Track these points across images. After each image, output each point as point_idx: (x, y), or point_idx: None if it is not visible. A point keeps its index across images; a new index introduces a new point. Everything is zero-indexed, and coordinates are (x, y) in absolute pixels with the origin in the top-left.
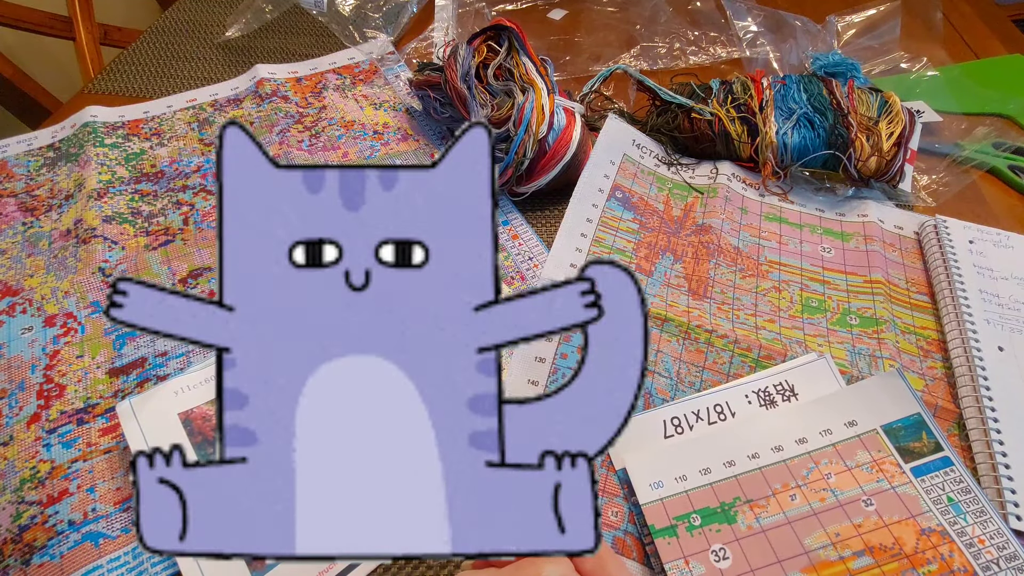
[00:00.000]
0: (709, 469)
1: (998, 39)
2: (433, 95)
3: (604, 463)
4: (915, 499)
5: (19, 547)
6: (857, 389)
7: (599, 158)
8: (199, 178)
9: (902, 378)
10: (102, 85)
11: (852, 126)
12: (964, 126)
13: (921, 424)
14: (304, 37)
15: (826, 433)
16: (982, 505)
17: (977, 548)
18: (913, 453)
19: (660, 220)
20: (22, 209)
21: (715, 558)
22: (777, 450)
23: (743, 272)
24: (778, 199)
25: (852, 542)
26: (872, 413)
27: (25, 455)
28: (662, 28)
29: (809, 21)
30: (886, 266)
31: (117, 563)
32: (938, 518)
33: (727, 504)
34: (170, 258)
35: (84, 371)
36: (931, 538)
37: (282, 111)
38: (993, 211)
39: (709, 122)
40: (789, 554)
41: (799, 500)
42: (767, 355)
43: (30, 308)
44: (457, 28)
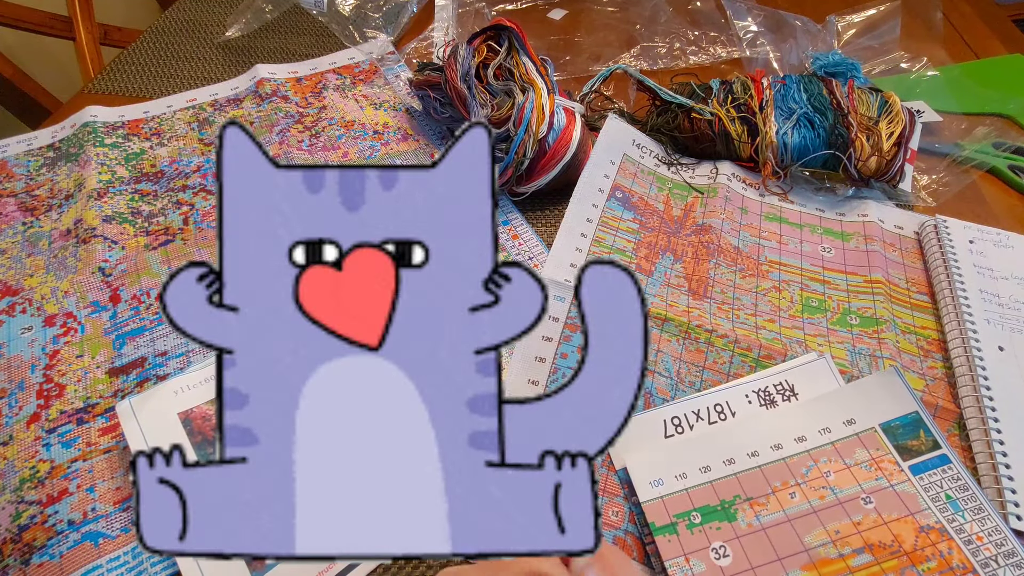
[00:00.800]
0: (709, 467)
1: (998, 39)
2: (433, 95)
3: (604, 463)
4: (913, 497)
5: (19, 547)
6: (855, 388)
7: (599, 158)
8: (199, 178)
9: (900, 377)
10: (102, 85)
11: (852, 126)
12: (964, 126)
13: (919, 422)
14: (304, 37)
15: (825, 431)
16: (980, 503)
17: (976, 545)
18: (911, 451)
19: (660, 220)
20: (22, 209)
21: (715, 556)
22: (777, 448)
23: (743, 272)
24: (778, 199)
25: (852, 540)
26: (870, 411)
27: (25, 455)
28: (662, 28)
29: (809, 21)
30: (886, 266)
31: (117, 563)
32: (936, 516)
33: (727, 502)
34: (170, 258)
35: (84, 371)
36: (930, 535)
37: (282, 111)
38: (993, 211)
39: (709, 122)
40: (789, 552)
41: (799, 498)
42: (767, 355)
43: (30, 308)
44: (457, 28)
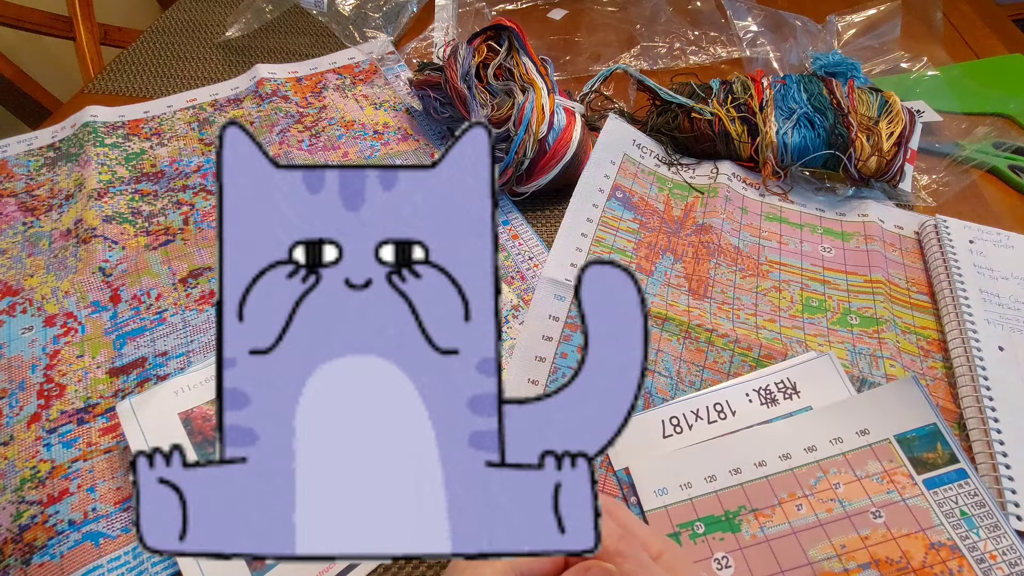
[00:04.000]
0: (715, 476)
1: (998, 39)
2: (433, 95)
3: (604, 463)
4: (926, 512)
5: (19, 547)
6: (871, 396)
7: (599, 158)
8: (199, 178)
9: (918, 386)
10: (102, 85)
11: (852, 126)
12: (964, 126)
13: (936, 434)
14: (304, 37)
15: (836, 441)
16: (997, 520)
17: (988, 564)
18: (927, 464)
19: (660, 220)
20: (22, 209)
21: (717, 566)
22: (785, 458)
23: (743, 272)
24: (778, 199)
25: (858, 554)
26: (885, 422)
27: (25, 455)
28: (662, 28)
29: (809, 21)
30: (886, 266)
31: (117, 563)
32: (949, 532)
33: (732, 512)
34: (170, 258)
35: (84, 371)
36: (940, 552)
37: (282, 111)
38: (993, 211)
39: (709, 122)
40: (792, 565)
41: (805, 510)
42: (767, 354)
43: (30, 308)
44: (457, 28)
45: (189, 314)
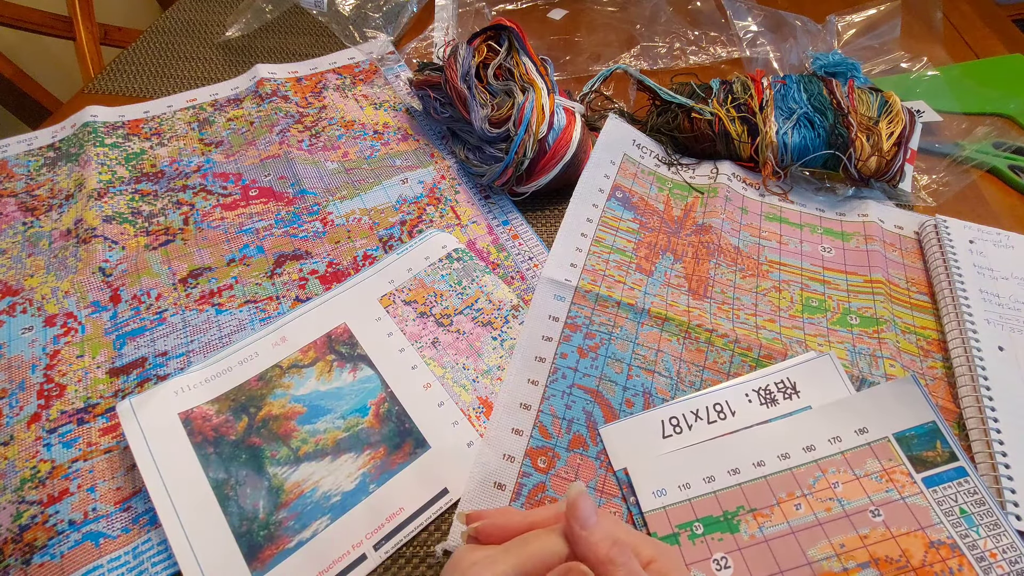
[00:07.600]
0: (713, 477)
1: (998, 39)
2: (433, 95)
3: (603, 463)
4: (925, 510)
5: (20, 547)
6: (869, 395)
7: (599, 158)
8: (199, 178)
9: (917, 384)
10: (102, 85)
11: (852, 126)
12: (964, 126)
13: (936, 432)
14: (304, 37)
15: (835, 440)
16: (996, 518)
17: (988, 562)
18: (926, 462)
19: (660, 220)
20: (22, 209)
21: (716, 567)
22: (784, 458)
23: (743, 272)
24: (778, 199)
25: (857, 553)
26: (884, 420)
27: (25, 455)
28: (662, 28)
29: (809, 21)
30: (886, 266)
31: (117, 563)
32: (949, 530)
33: (730, 513)
34: (170, 258)
35: (84, 371)
36: (940, 551)
37: (282, 111)
38: (993, 211)
39: (709, 122)
40: (791, 564)
41: (804, 509)
42: (767, 354)
43: (30, 308)
44: (457, 28)
45: (189, 314)
